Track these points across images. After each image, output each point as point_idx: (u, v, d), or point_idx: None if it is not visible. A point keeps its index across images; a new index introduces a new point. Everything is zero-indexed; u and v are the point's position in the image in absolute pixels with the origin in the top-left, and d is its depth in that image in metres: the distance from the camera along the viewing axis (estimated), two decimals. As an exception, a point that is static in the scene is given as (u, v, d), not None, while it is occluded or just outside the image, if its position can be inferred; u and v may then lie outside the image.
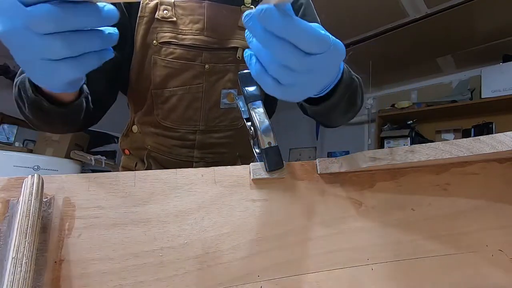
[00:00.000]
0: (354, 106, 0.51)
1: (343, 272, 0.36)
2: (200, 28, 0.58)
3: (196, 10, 0.57)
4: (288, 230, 0.37)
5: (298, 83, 0.27)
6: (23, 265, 0.25)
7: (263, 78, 0.28)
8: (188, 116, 0.63)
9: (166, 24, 0.57)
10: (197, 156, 0.67)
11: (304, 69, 0.26)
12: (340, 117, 0.52)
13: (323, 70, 0.28)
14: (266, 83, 0.28)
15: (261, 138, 0.37)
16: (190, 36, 0.58)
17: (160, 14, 0.56)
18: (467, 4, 1.82)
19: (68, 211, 0.31)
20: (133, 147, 0.73)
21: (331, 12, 1.93)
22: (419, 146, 0.30)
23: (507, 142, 0.25)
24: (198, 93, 0.61)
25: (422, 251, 0.39)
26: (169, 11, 0.56)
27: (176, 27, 0.57)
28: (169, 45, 0.58)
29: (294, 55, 0.25)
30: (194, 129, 0.65)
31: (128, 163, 0.74)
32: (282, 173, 0.37)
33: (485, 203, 0.43)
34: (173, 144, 0.67)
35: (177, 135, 0.66)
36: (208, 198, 0.36)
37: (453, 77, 2.76)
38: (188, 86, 0.61)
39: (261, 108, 0.39)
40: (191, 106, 0.62)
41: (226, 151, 0.69)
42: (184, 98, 0.61)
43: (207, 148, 0.67)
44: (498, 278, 0.40)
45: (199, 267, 0.33)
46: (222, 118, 0.65)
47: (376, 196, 0.40)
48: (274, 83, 0.27)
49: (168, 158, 0.68)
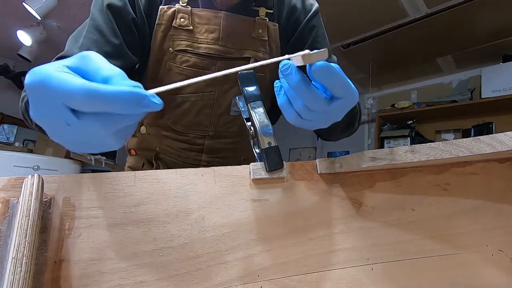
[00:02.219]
0: (352, 127, 0.60)
1: (343, 272, 0.36)
2: (215, 38, 0.59)
3: (212, 19, 0.58)
4: (288, 230, 0.36)
5: (316, 119, 0.31)
6: (23, 265, 0.25)
7: (287, 110, 0.32)
8: (199, 122, 0.65)
9: (183, 32, 0.58)
10: (205, 160, 0.68)
11: (325, 112, 0.31)
12: (337, 135, 0.61)
13: (340, 112, 0.32)
14: (289, 115, 0.32)
15: (261, 138, 0.37)
16: (205, 45, 0.59)
17: (177, 22, 0.57)
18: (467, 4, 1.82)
19: (68, 211, 0.31)
20: (140, 147, 0.74)
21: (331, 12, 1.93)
22: (419, 146, 0.30)
23: (507, 142, 0.25)
24: (209, 100, 0.63)
25: (422, 251, 0.39)
26: (186, 19, 0.57)
27: (192, 35, 0.58)
28: (184, 53, 0.59)
29: (319, 102, 0.29)
30: (204, 134, 0.66)
31: (134, 163, 0.75)
32: (282, 173, 0.37)
33: (485, 203, 0.43)
34: (182, 147, 0.68)
35: (186, 139, 0.67)
36: (208, 198, 0.35)
37: (453, 77, 2.76)
38: (201, 93, 0.62)
39: (261, 108, 0.39)
40: (202, 112, 0.64)
41: (232, 155, 0.71)
42: (195, 104, 0.63)
43: (215, 152, 0.69)
44: (498, 278, 0.40)
45: (199, 267, 0.33)
46: (231, 125, 0.66)
47: (376, 196, 0.40)
48: (296, 116, 0.32)
49: (176, 161, 0.69)
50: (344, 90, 0.29)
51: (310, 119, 0.31)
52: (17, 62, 2.90)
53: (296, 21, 0.63)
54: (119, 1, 0.54)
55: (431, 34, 2.16)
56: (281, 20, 0.62)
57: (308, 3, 0.64)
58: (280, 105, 0.33)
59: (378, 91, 3.23)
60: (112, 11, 0.53)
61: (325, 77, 0.28)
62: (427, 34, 2.16)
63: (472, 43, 2.26)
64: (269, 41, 0.62)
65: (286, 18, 0.62)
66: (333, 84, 0.29)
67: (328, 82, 0.29)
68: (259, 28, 0.60)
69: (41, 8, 1.93)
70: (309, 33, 0.63)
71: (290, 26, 0.63)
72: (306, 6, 0.64)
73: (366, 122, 3.20)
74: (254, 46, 0.61)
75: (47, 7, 1.95)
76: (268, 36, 0.61)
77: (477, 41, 2.23)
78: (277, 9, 0.62)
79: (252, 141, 0.41)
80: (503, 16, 1.91)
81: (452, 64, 2.62)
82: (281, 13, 0.62)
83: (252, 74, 0.41)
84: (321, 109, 0.30)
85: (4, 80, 2.93)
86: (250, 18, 0.60)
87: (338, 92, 0.29)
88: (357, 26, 2.14)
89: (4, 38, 2.56)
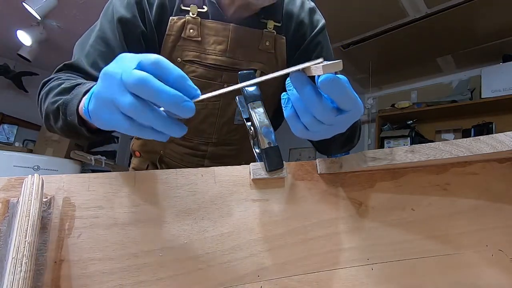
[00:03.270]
0: (351, 143, 0.60)
1: (343, 272, 0.36)
2: (223, 49, 0.59)
3: (221, 31, 0.59)
4: (288, 230, 0.36)
5: (322, 131, 0.32)
6: (23, 265, 0.25)
7: (294, 122, 0.32)
8: (202, 129, 0.65)
9: (192, 43, 0.59)
10: (207, 165, 0.69)
11: (332, 124, 0.31)
12: (337, 149, 0.61)
13: (345, 125, 0.32)
14: (296, 127, 0.33)
15: (261, 138, 0.37)
16: (213, 57, 0.59)
17: (186, 33, 0.58)
18: (467, 4, 1.82)
19: (68, 211, 0.31)
20: (144, 150, 0.75)
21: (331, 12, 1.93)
22: (419, 146, 0.30)
23: (507, 142, 0.25)
24: (214, 110, 0.63)
25: (422, 251, 0.39)
26: (195, 30, 0.58)
27: (200, 46, 0.59)
28: (192, 64, 0.59)
29: (328, 114, 0.30)
30: (207, 141, 0.67)
31: (139, 164, 0.76)
32: (282, 173, 0.37)
33: (485, 203, 0.43)
34: (185, 152, 0.69)
35: (190, 145, 0.68)
36: (208, 198, 0.36)
37: (453, 77, 2.76)
38: (206, 102, 0.62)
39: (261, 108, 0.39)
40: (206, 120, 0.64)
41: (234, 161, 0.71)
42: (200, 113, 0.63)
43: (218, 158, 0.70)
44: (498, 278, 0.40)
45: (199, 267, 0.33)
46: (234, 133, 0.67)
47: (376, 196, 0.40)
48: (303, 129, 0.32)
49: (179, 165, 0.70)
50: (352, 103, 0.30)
51: (316, 131, 0.32)
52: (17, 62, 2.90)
53: (303, 36, 0.63)
54: (129, 13, 0.54)
55: (431, 34, 2.16)
56: (289, 33, 0.63)
57: (315, 19, 0.65)
58: (287, 118, 0.33)
59: (378, 91, 3.23)
60: (122, 24, 0.54)
61: (334, 90, 0.28)
62: (427, 34, 2.16)
63: (472, 43, 2.25)
64: (276, 54, 0.62)
65: (294, 32, 0.63)
66: (341, 97, 0.29)
67: (336, 95, 0.29)
68: (266, 41, 0.61)
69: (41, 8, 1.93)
70: (314, 48, 0.64)
71: (296, 40, 0.63)
72: (313, 21, 0.64)
73: (366, 122, 3.20)
74: (261, 58, 0.62)
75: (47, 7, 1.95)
76: (275, 48, 0.62)
77: (477, 41, 2.23)
78: (285, 23, 0.63)
79: (252, 141, 0.41)
80: (503, 16, 1.91)
81: (452, 64, 2.62)
82: (289, 27, 0.63)
83: (252, 74, 0.41)
84: (329, 120, 0.30)
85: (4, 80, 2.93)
86: (258, 30, 0.61)
87: (346, 105, 0.29)
88: (357, 26, 2.14)
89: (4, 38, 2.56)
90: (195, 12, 0.58)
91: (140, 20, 0.55)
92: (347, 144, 0.60)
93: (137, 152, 0.76)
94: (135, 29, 0.55)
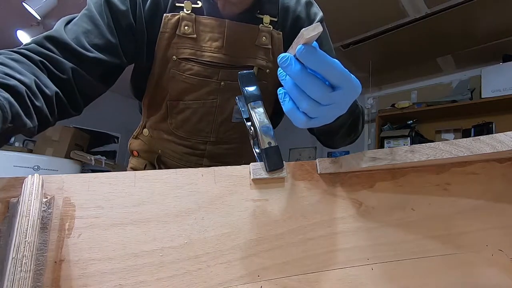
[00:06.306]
0: (355, 131, 0.57)
1: (343, 272, 0.36)
2: (219, 46, 0.58)
3: (216, 28, 0.58)
4: (288, 230, 0.36)
5: (322, 115, 0.32)
6: (23, 265, 0.25)
7: (295, 114, 0.32)
8: (200, 128, 0.65)
9: (187, 40, 0.57)
10: (206, 164, 0.69)
11: (329, 103, 0.30)
12: (342, 140, 0.58)
13: (343, 103, 0.32)
14: (297, 119, 0.33)
15: (261, 138, 0.37)
16: (209, 54, 0.58)
17: (181, 30, 0.57)
18: (467, 4, 1.82)
19: (68, 211, 0.31)
20: (142, 149, 0.74)
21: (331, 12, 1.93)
22: (419, 146, 0.30)
23: (507, 142, 0.25)
24: (211, 108, 0.63)
25: (422, 251, 0.39)
26: (189, 27, 0.57)
27: (195, 43, 0.58)
28: (188, 61, 0.58)
29: (322, 90, 0.30)
30: (205, 140, 0.67)
31: (137, 164, 0.76)
32: (282, 173, 0.37)
33: (485, 203, 0.43)
34: (184, 151, 0.68)
35: (188, 144, 0.67)
36: (208, 198, 0.35)
37: (453, 77, 2.76)
38: (203, 101, 0.62)
39: (261, 108, 0.39)
40: (204, 119, 0.64)
41: (233, 160, 0.71)
42: (198, 111, 0.63)
43: (217, 157, 0.69)
44: (498, 278, 0.40)
45: (199, 267, 0.33)
46: (233, 131, 0.67)
47: (376, 196, 0.40)
48: (304, 118, 0.32)
49: (178, 164, 0.69)
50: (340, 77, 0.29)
51: (316, 115, 0.31)
52: (17, 62, 2.89)
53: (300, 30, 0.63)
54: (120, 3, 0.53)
55: (431, 34, 2.16)
56: (286, 29, 0.62)
57: (313, 12, 0.64)
58: (286, 112, 0.33)
59: (378, 91, 3.23)
60: (110, 8, 0.53)
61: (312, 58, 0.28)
62: (427, 34, 2.16)
63: (472, 43, 2.26)
64: (273, 49, 0.61)
65: (291, 27, 0.62)
66: (324, 68, 0.29)
67: (318, 66, 0.29)
68: (262, 36, 0.60)
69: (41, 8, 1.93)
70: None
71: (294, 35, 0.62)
72: (311, 15, 0.63)
73: (366, 122, 3.20)
74: (257, 54, 0.61)
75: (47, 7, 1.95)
76: (272, 44, 0.61)
77: (477, 41, 2.23)
78: (282, 18, 0.62)
79: (252, 141, 0.41)
80: (503, 16, 1.91)
81: (452, 64, 2.62)
82: (286, 22, 0.62)
83: (252, 74, 0.41)
84: (325, 99, 0.30)
85: (4, 80, 2.92)
86: (254, 26, 0.59)
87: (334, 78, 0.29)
88: (357, 26, 2.14)
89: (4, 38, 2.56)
90: (189, 8, 0.56)
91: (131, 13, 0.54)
92: (352, 131, 0.57)
93: (135, 152, 0.76)
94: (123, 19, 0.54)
